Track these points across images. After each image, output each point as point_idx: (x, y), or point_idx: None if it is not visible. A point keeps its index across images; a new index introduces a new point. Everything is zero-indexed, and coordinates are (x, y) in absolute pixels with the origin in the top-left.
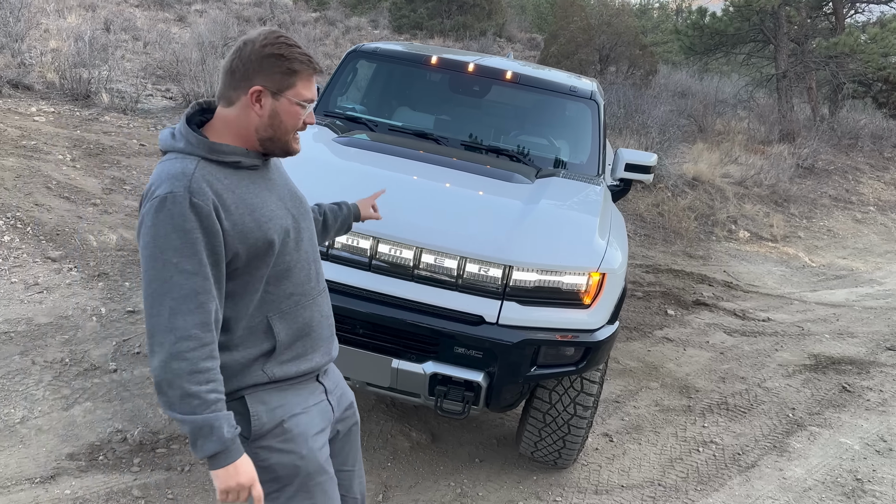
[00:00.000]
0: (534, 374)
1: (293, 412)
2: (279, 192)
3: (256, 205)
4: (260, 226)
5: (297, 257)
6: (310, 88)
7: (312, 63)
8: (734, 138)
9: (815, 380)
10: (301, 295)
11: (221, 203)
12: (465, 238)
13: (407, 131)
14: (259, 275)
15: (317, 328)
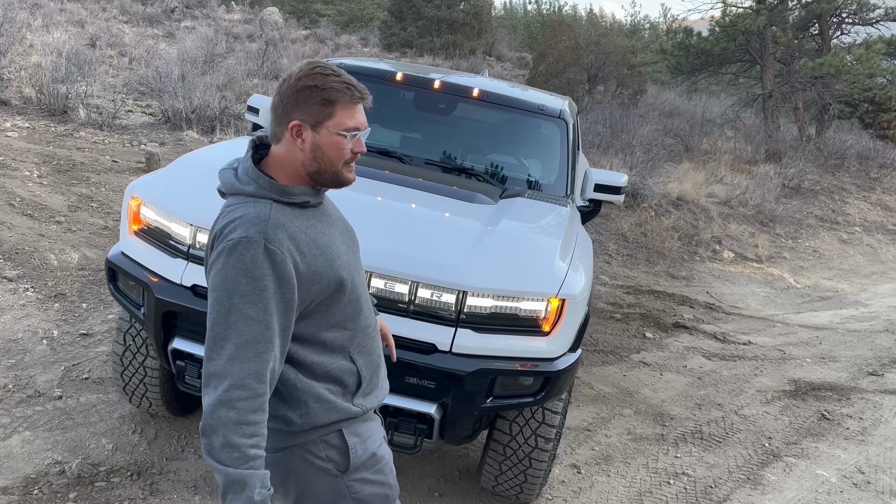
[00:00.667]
0: (490, 405)
1: (380, 442)
2: (338, 227)
3: (325, 244)
4: (331, 265)
5: (361, 291)
6: (352, 116)
7: (352, 90)
8: (720, 158)
9: (794, 407)
10: (369, 327)
11: (297, 247)
12: (417, 262)
13: (370, 149)
14: (335, 312)
15: (380, 359)
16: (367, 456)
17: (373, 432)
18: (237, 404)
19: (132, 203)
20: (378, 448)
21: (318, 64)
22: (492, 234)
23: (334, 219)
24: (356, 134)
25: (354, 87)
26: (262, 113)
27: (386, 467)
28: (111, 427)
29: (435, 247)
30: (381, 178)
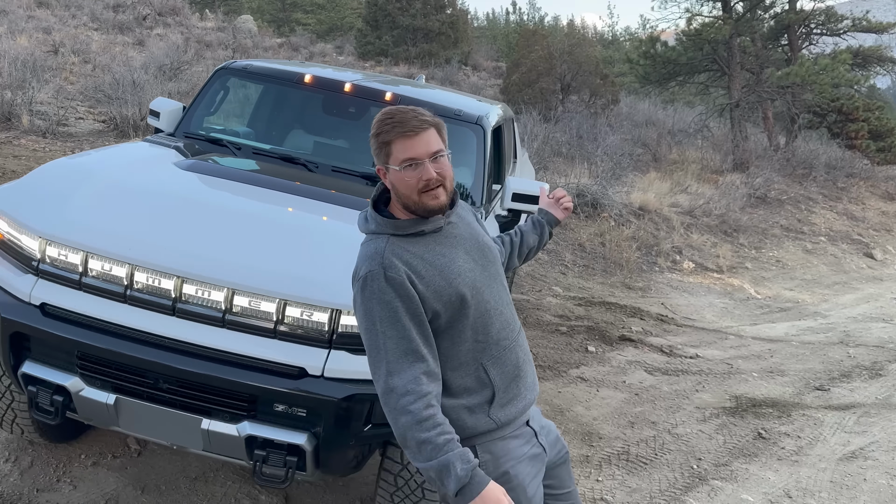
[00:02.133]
0: (368, 433)
1: (515, 462)
2: (466, 245)
3: (444, 264)
4: (450, 283)
5: (494, 304)
6: (406, 149)
7: (398, 127)
8: (688, 168)
9: (731, 425)
10: (505, 339)
11: (413, 271)
12: (285, 277)
13: (272, 155)
14: (462, 327)
15: (523, 367)
16: (497, 474)
17: (508, 451)
18: (409, 408)
19: None
20: (512, 467)
21: (381, 113)
22: None
23: (461, 239)
24: (414, 163)
25: (401, 123)
26: (163, 116)
27: (518, 487)
28: None
29: (309, 261)
30: (270, 186)
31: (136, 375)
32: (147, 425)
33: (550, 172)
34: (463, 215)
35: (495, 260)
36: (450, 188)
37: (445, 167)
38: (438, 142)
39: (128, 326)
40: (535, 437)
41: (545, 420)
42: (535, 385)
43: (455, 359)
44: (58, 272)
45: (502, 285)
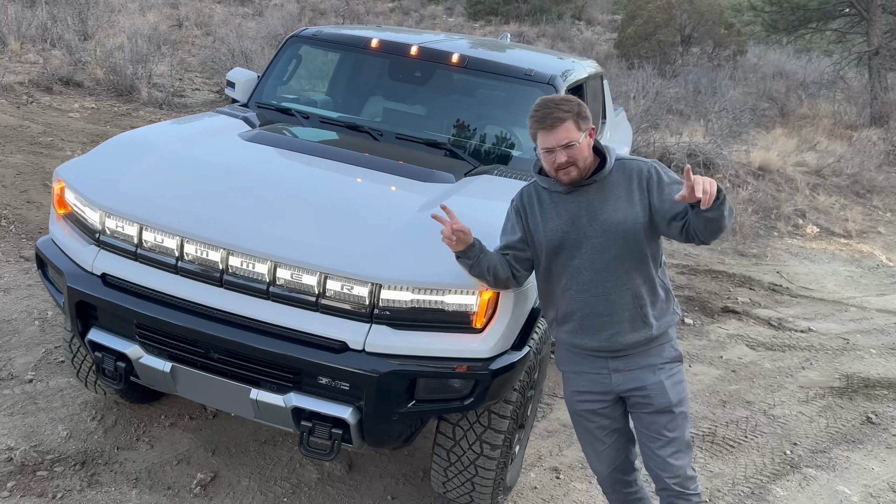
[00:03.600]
0: (411, 409)
1: (569, 370)
2: (577, 211)
3: (542, 217)
4: (537, 231)
5: (575, 262)
6: (546, 140)
7: (538, 122)
8: (818, 123)
9: (838, 407)
10: (573, 290)
11: (523, 208)
12: (327, 250)
13: (338, 123)
14: (545, 266)
15: (585, 319)
16: (562, 370)
17: (567, 360)
18: None
19: (56, 187)
20: (567, 372)
21: (536, 102)
22: (424, 217)
23: (578, 205)
24: (549, 151)
25: (541, 118)
26: (238, 86)
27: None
28: (71, 413)
29: (350, 234)
30: (328, 156)
31: (189, 345)
32: (201, 393)
33: (661, 131)
34: (603, 192)
35: (602, 234)
36: (582, 166)
37: (576, 152)
38: (572, 132)
39: (179, 297)
40: (608, 369)
41: (647, 373)
42: (605, 340)
43: (540, 282)
44: (116, 243)
45: (594, 251)
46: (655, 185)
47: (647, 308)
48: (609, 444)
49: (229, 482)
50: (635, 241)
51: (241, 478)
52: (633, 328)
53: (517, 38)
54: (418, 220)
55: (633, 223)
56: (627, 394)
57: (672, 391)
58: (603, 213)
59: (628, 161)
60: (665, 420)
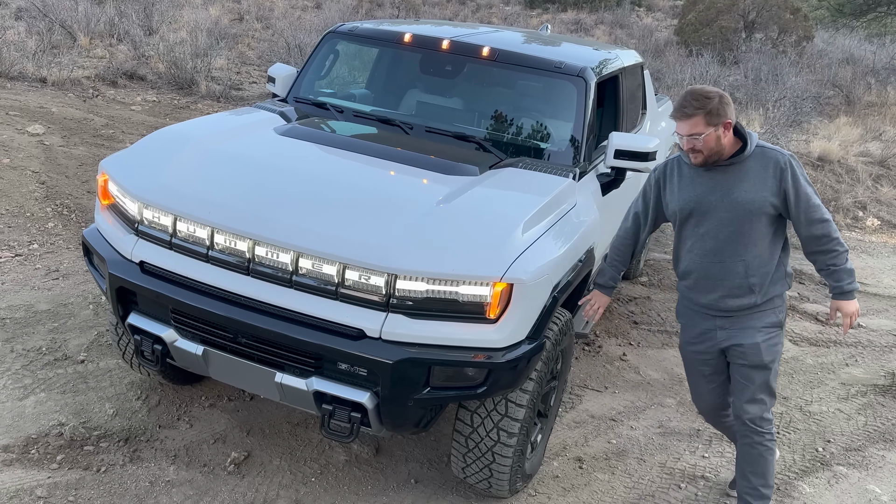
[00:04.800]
0: (427, 396)
1: (684, 322)
2: (712, 186)
3: (678, 187)
4: (672, 200)
5: (701, 230)
6: (677, 127)
7: (675, 110)
8: (887, 111)
9: (879, 405)
10: (695, 253)
11: (663, 177)
12: (346, 241)
13: (371, 117)
14: (677, 228)
15: (700, 279)
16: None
17: (683, 311)
18: (615, 244)
19: (100, 179)
20: (682, 324)
21: (687, 90)
22: (443, 209)
23: (713, 181)
24: (680, 136)
25: (679, 108)
26: (278, 81)
27: (681, 335)
28: (118, 392)
29: (369, 226)
30: (358, 149)
31: (220, 329)
32: (232, 375)
33: None
34: (740, 172)
35: (731, 209)
36: (707, 154)
37: (701, 144)
38: (698, 126)
39: (210, 284)
40: (716, 327)
41: (752, 333)
42: (716, 302)
43: (675, 242)
44: (153, 233)
45: (720, 224)
46: (794, 193)
47: (755, 279)
48: (711, 389)
49: (261, 461)
50: (757, 221)
51: (272, 457)
52: (739, 294)
53: (574, 27)
54: (436, 213)
55: (760, 206)
56: (728, 348)
57: (766, 352)
58: (735, 192)
59: (768, 149)
60: (753, 373)
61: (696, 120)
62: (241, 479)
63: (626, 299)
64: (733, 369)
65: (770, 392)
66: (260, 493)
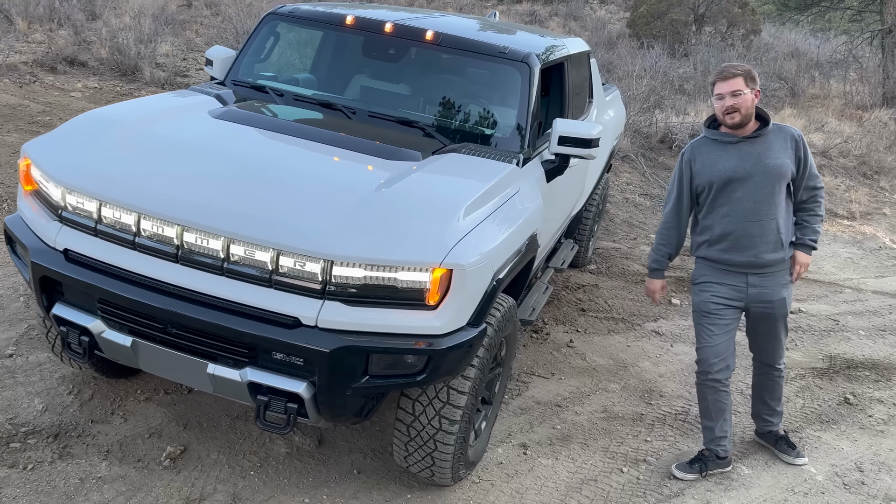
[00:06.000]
0: (365, 385)
1: (711, 280)
2: (745, 156)
3: (712, 160)
4: (708, 170)
5: (737, 194)
6: (720, 87)
7: (717, 74)
8: (829, 103)
9: (817, 387)
10: (733, 216)
11: (692, 157)
12: (280, 227)
13: (313, 101)
14: (711, 198)
15: (740, 239)
16: (696, 281)
17: (708, 273)
18: (659, 229)
19: (22, 164)
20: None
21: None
22: (382, 194)
23: (746, 152)
24: (720, 97)
25: (721, 71)
26: (216, 64)
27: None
28: (49, 387)
29: (305, 211)
30: (299, 133)
31: (148, 320)
32: (162, 367)
33: (665, 111)
34: (765, 142)
35: (763, 174)
36: (744, 113)
37: (740, 101)
38: (739, 84)
39: (137, 272)
40: (746, 283)
41: (779, 289)
42: (751, 259)
43: (702, 213)
44: (77, 219)
45: (754, 189)
46: (804, 161)
47: (784, 235)
48: (724, 340)
49: (198, 455)
50: (782, 184)
51: (210, 451)
52: (774, 249)
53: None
54: (375, 198)
55: (786, 170)
56: (757, 304)
57: (788, 305)
58: (766, 159)
59: (782, 126)
60: (779, 324)
61: (737, 80)
62: (177, 474)
63: (575, 287)
64: (757, 322)
65: (787, 332)
66: (196, 487)
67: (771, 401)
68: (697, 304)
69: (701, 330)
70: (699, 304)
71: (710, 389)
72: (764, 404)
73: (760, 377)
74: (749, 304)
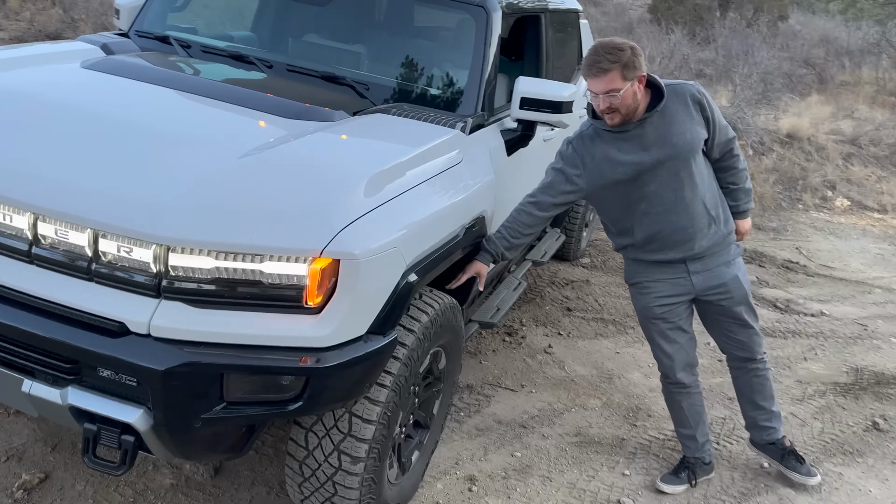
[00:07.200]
0: (221, 415)
1: (645, 279)
2: (647, 141)
3: (609, 156)
4: (606, 170)
5: (651, 187)
6: (591, 85)
7: (586, 68)
8: (860, 90)
9: (839, 408)
10: (654, 212)
11: (580, 155)
12: (100, 198)
13: (224, 53)
14: (619, 199)
15: (672, 235)
16: (633, 281)
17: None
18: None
19: None
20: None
21: (592, 45)
22: (255, 159)
23: (647, 136)
24: (594, 95)
25: (590, 64)
26: (123, 14)
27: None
28: None
29: (144, 178)
30: (185, 87)
31: None
32: None
33: None
34: (665, 117)
35: (677, 157)
36: (624, 112)
37: (618, 101)
38: (615, 82)
39: None
40: (687, 273)
41: (724, 271)
42: (689, 249)
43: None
44: None
45: (673, 175)
46: (712, 119)
47: (714, 210)
48: (682, 344)
49: (61, 485)
50: (698, 156)
51: (76, 481)
52: (710, 231)
53: None
54: (245, 164)
55: (698, 140)
56: (707, 292)
57: (745, 283)
58: (672, 137)
59: (677, 85)
60: (740, 307)
61: (611, 76)
62: None
63: (562, 283)
64: (716, 312)
65: (756, 316)
66: None
67: (763, 401)
68: (641, 309)
69: (653, 336)
70: (643, 310)
71: (681, 395)
72: (756, 408)
73: (742, 377)
74: (698, 294)
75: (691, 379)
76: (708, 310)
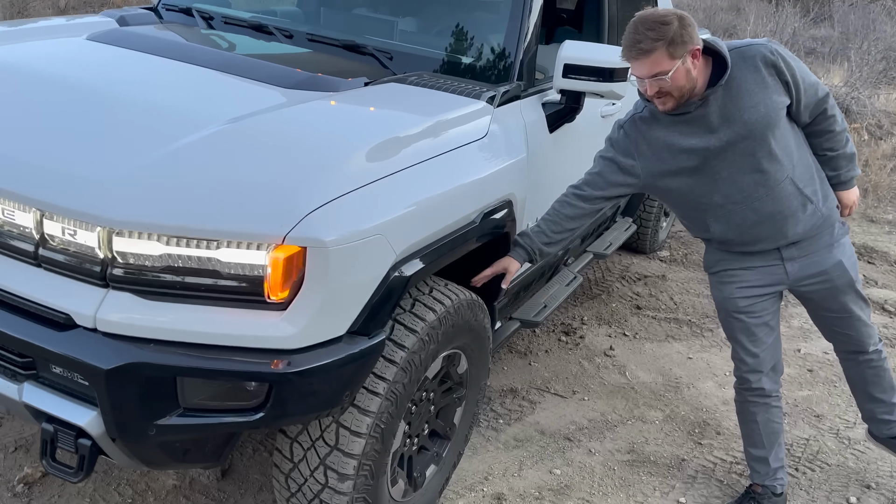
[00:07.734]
0: (178, 423)
1: (733, 267)
2: (712, 122)
3: (668, 143)
4: (665, 159)
5: (724, 174)
6: (634, 69)
7: (626, 50)
8: None
9: None
10: (732, 203)
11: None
12: (45, 173)
13: (245, 24)
14: (685, 191)
15: (759, 226)
16: (715, 269)
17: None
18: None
19: None
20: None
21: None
22: (223, 131)
23: (711, 116)
24: (640, 79)
25: (632, 45)
26: None
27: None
28: None
29: (99, 152)
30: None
31: None
32: None
33: None
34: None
35: (750, 131)
36: (677, 95)
37: (668, 84)
38: (661, 63)
39: None
40: (781, 259)
41: (824, 256)
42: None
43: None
44: None
45: (748, 156)
46: (793, 80)
47: (809, 187)
48: (768, 344)
49: (61, 482)
50: (779, 129)
51: None
52: (805, 213)
53: None
54: (209, 137)
55: (777, 111)
56: (803, 282)
57: (852, 269)
58: (743, 114)
59: (744, 48)
60: (850, 298)
61: (656, 56)
62: None
63: (634, 278)
64: (816, 305)
65: (865, 304)
66: None
67: (881, 393)
68: (721, 301)
69: (735, 334)
70: (724, 302)
71: (759, 406)
72: (872, 400)
73: (853, 368)
74: (793, 284)
75: (774, 387)
76: (806, 301)
